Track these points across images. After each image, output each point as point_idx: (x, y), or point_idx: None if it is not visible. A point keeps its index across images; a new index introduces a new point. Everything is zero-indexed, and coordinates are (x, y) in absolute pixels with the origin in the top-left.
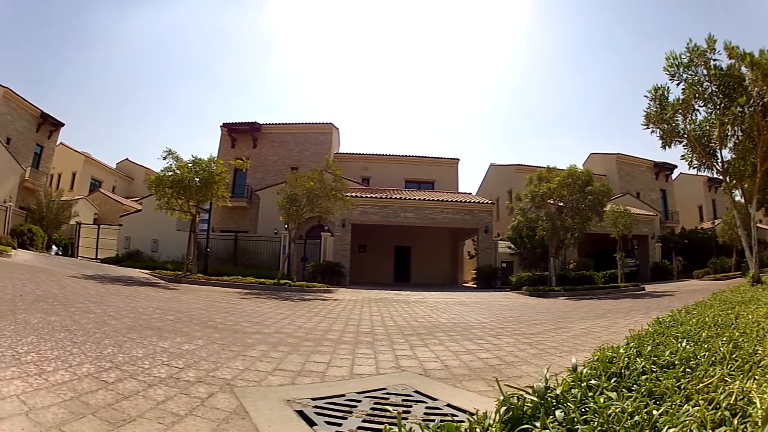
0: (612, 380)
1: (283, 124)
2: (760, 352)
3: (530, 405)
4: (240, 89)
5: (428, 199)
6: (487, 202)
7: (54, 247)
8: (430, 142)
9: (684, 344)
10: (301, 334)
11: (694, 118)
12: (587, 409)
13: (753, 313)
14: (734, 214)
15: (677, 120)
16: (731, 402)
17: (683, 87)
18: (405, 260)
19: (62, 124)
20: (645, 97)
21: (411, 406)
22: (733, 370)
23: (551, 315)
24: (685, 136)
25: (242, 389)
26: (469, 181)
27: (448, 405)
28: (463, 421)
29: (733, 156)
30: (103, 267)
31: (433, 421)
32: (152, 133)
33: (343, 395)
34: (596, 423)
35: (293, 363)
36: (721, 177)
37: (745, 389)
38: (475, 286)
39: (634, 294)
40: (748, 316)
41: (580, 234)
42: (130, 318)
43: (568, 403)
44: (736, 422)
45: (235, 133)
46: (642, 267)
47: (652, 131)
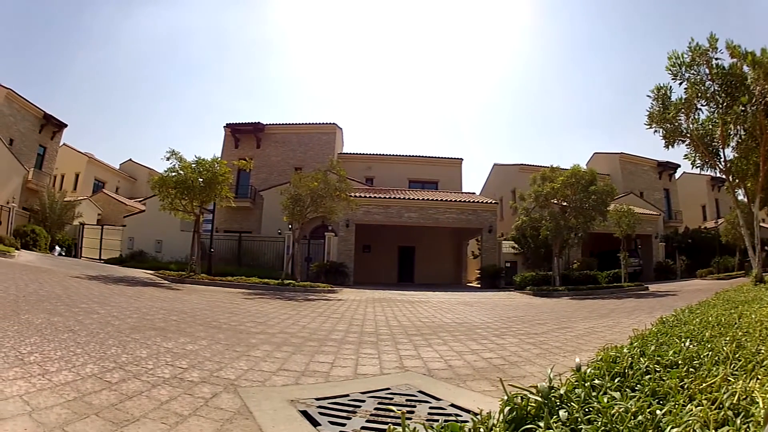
0: (615, 380)
1: (286, 124)
2: (763, 351)
3: (534, 405)
4: (243, 89)
5: (432, 199)
6: (491, 202)
7: (57, 247)
8: (434, 142)
9: (687, 344)
10: (305, 334)
11: (696, 117)
12: (591, 408)
13: (756, 312)
14: (737, 214)
15: (680, 119)
16: (734, 402)
17: (686, 86)
18: (409, 260)
19: (65, 125)
20: (648, 96)
21: (415, 406)
22: (736, 370)
23: (555, 315)
24: (688, 135)
25: (246, 389)
26: (472, 181)
27: (452, 405)
28: (467, 421)
29: (736, 155)
30: (107, 267)
31: (437, 421)
32: (155, 133)
33: (347, 395)
34: (600, 423)
35: (297, 363)
36: (724, 176)
37: (747, 389)
38: (478, 286)
39: (637, 294)
40: (751, 316)
41: (584, 234)
42: (134, 318)
43: (572, 403)
44: (738, 422)
45: (239, 133)
46: (645, 266)
47: (655, 131)
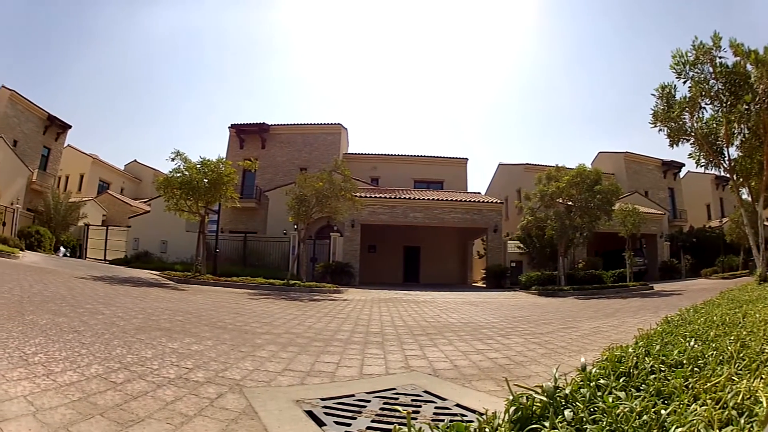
0: (621, 380)
1: (291, 124)
2: (767, 351)
3: (539, 405)
4: (248, 90)
5: (437, 199)
6: (496, 202)
7: (62, 248)
8: (439, 142)
9: (692, 343)
10: (311, 334)
11: (700, 116)
12: (596, 408)
13: (760, 311)
14: (741, 213)
15: (684, 118)
16: (738, 401)
17: (690, 85)
18: (414, 260)
19: (69, 127)
20: (652, 95)
21: (420, 406)
22: (741, 369)
23: (560, 314)
24: (692, 134)
25: (251, 389)
26: (477, 181)
27: (458, 405)
28: (473, 421)
29: (740, 154)
30: (112, 268)
31: (442, 421)
32: (160, 134)
33: (352, 395)
34: (605, 423)
35: (303, 363)
36: (728, 175)
37: (752, 388)
38: (484, 285)
39: (642, 293)
40: (756, 315)
41: (589, 233)
42: (139, 319)
43: (577, 403)
44: (743, 421)
45: (244, 133)
46: (650, 266)
47: (660, 129)
